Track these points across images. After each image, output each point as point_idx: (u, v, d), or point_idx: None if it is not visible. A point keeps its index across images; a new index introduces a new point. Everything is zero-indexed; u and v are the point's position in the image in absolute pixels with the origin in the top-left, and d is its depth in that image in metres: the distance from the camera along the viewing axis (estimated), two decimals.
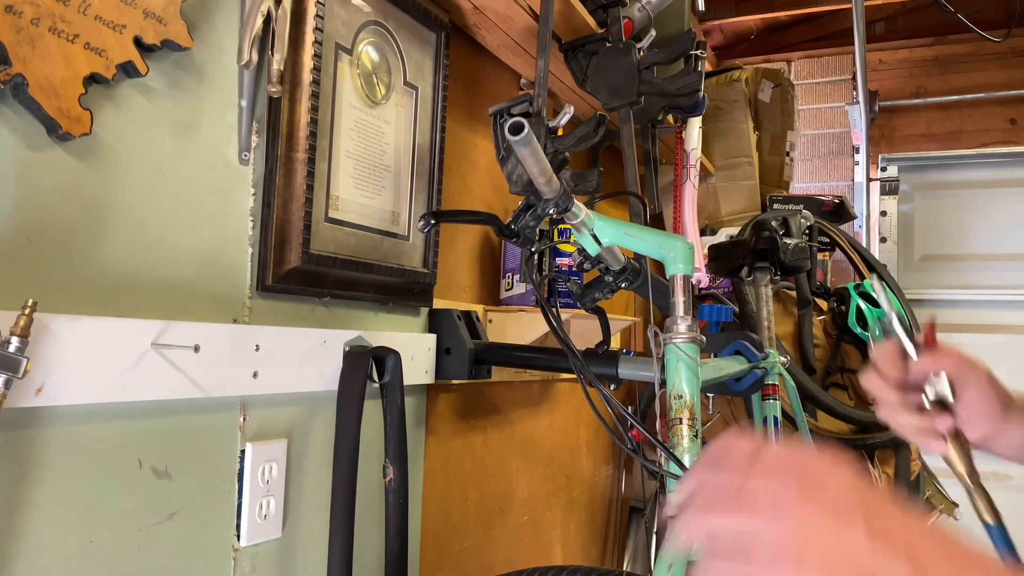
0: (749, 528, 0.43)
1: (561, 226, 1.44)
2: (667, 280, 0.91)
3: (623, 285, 0.97)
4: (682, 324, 0.87)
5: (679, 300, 0.88)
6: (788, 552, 0.42)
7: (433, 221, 0.87)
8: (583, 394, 0.87)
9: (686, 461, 0.82)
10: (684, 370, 0.85)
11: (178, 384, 0.81)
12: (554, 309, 0.91)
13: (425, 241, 1.23)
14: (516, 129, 0.72)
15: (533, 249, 0.97)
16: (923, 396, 0.73)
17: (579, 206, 0.87)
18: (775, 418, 1.60)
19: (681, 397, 0.85)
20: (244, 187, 0.93)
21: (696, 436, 0.84)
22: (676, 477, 0.82)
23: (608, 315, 1.73)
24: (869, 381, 0.74)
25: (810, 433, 1.84)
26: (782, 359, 1.73)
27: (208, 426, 0.89)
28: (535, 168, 0.78)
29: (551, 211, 0.84)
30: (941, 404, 0.72)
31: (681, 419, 0.84)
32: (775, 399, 1.61)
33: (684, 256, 0.88)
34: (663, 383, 0.89)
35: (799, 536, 0.42)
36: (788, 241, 2.20)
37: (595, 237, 0.88)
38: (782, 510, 0.43)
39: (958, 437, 0.73)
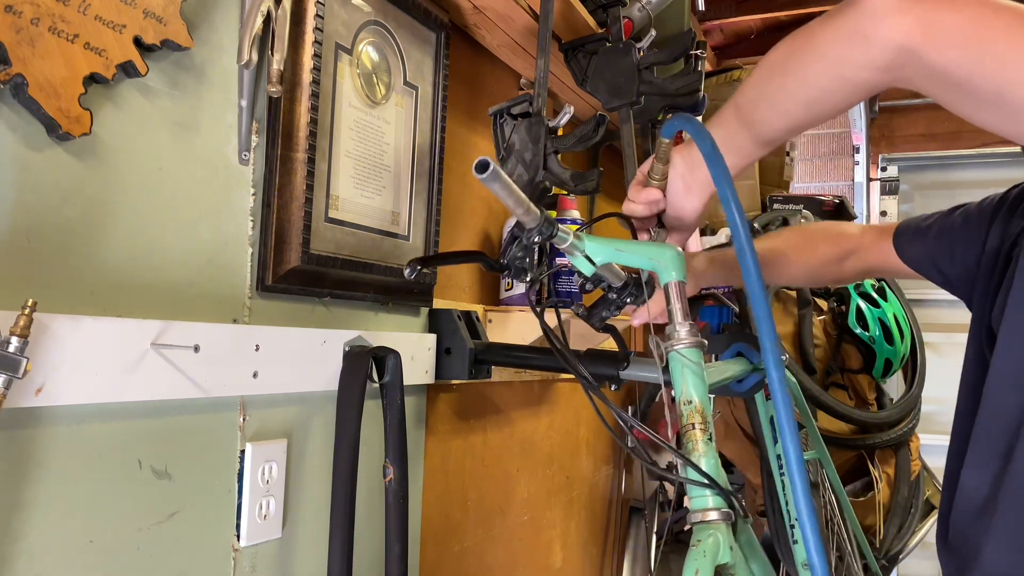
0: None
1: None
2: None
3: (628, 301, 0.97)
4: (682, 330, 0.87)
5: (676, 307, 0.88)
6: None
7: (420, 267, 0.87)
8: (583, 394, 0.87)
9: (703, 465, 0.82)
10: (690, 376, 0.85)
11: (178, 384, 0.81)
12: (550, 310, 0.91)
13: (425, 241, 1.23)
14: (481, 168, 0.71)
15: (530, 279, 0.97)
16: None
17: (565, 230, 0.86)
18: None
19: (691, 402, 0.85)
20: (244, 187, 0.93)
21: (710, 439, 0.83)
22: (695, 483, 0.82)
23: None
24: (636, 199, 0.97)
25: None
26: (784, 358, 1.73)
27: (208, 426, 0.89)
28: (510, 201, 0.78)
29: (536, 239, 0.84)
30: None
31: (694, 424, 0.84)
32: None
33: (675, 263, 0.88)
34: (668, 383, 0.88)
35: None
36: None
37: (588, 258, 0.88)
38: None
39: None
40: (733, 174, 0.83)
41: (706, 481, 0.81)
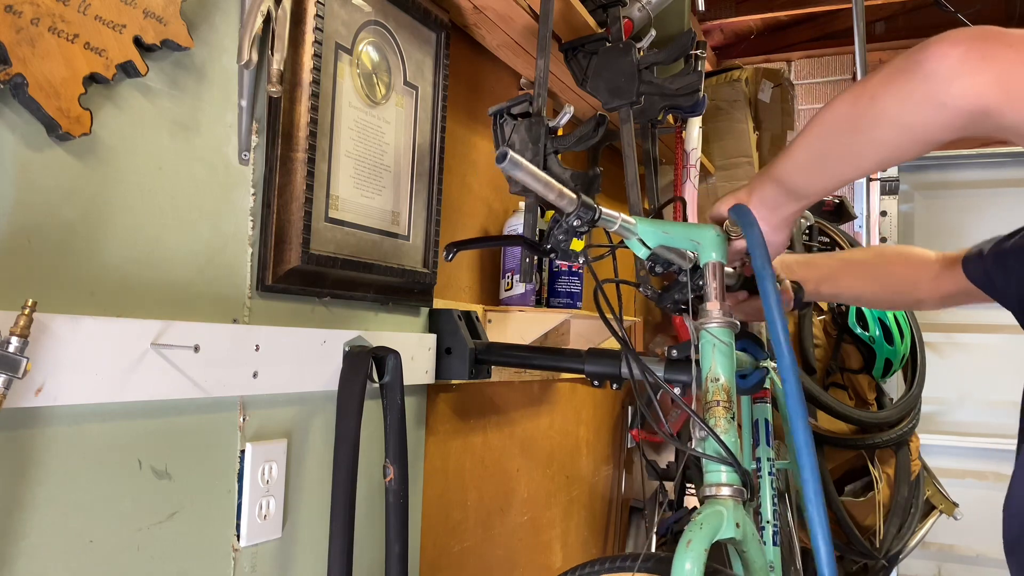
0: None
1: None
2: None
3: (701, 284, 0.97)
4: (715, 310, 0.88)
5: (711, 287, 0.89)
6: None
7: (456, 250, 0.87)
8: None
9: (724, 440, 0.83)
10: (719, 355, 0.86)
11: (178, 384, 0.81)
12: (611, 312, 0.91)
13: (425, 241, 1.23)
14: (500, 158, 0.71)
15: (582, 261, 0.97)
16: None
17: (612, 213, 0.86)
18: (766, 420, 1.61)
19: (718, 380, 0.86)
20: (244, 187, 0.93)
21: (732, 418, 0.84)
22: (714, 459, 0.83)
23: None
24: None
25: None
26: (773, 364, 1.74)
27: (208, 426, 0.89)
28: (540, 187, 0.78)
29: (575, 223, 0.84)
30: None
31: (719, 401, 0.85)
32: (766, 402, 1.63)
33: (715, 244, 0.90)
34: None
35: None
36: None
37: (642, 241, 0.88)
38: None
39: None
40: (799, 216, 0.94)
41: (726, 455, 0.82)
